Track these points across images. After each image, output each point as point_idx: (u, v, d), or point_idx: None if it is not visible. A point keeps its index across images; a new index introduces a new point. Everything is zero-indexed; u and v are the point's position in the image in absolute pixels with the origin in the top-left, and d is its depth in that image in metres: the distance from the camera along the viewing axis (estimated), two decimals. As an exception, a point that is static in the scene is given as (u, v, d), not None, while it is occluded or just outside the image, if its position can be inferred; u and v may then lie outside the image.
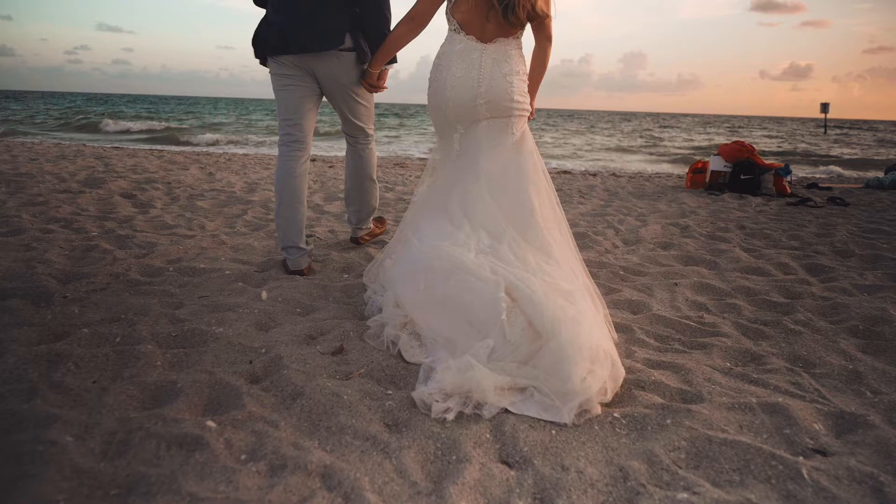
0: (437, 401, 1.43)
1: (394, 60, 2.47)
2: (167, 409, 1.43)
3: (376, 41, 2.42)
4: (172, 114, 29.84)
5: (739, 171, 5.65)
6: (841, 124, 48.55)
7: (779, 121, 70.74)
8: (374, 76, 2.42)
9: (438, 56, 2.06)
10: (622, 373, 1.59)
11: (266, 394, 1.53)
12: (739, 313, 2.32)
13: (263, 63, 2.59)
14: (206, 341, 1.86)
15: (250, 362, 1.71)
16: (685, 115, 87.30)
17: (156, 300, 2.20)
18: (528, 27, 2.06)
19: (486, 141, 2.03)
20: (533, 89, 2.13)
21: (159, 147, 12.04)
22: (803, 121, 69.01)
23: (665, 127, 33.92)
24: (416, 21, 2.07)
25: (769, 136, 26.45)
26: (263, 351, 1.79)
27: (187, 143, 14.14)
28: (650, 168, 12.01)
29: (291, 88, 2.49)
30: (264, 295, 2.28)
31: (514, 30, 1.99)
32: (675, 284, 2.60)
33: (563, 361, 1.48)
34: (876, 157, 15.50)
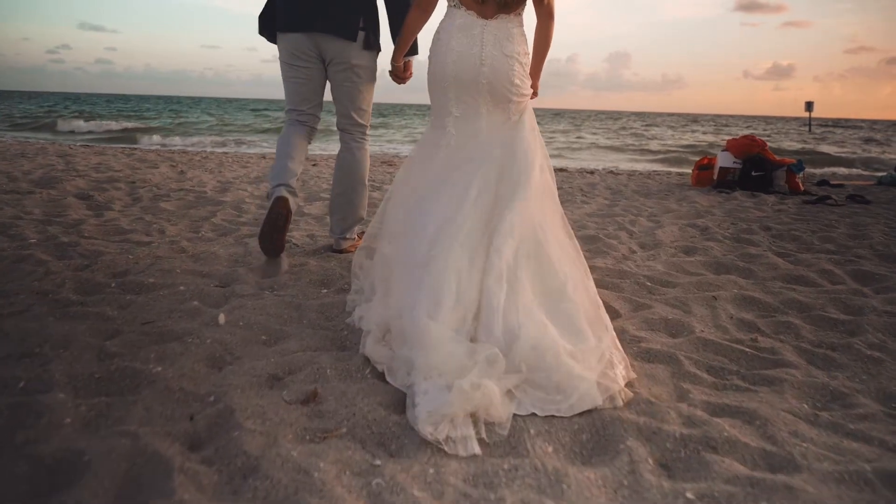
0: (451, 435, 1.21)
1: (415, 52, 2.44)
2: (63, 497, 1.01)
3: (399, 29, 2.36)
4: (151, 112, 29.07)
5: (750, 168, 5.30)
6: (824, 122, 48.78)
7: (764, 119, 71.15)
8: (399, 68, 2.41)
9: (437, 31, 1.94)
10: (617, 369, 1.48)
11: (207, 469, 1.11)
12: (798, 334, 1.94)
13: (272, 40, 2.56)
14: (138, 386, 1.43)
15: (191, 418, 1.29)
16: (671, 115, 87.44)
17: (85, 327, 1.77)
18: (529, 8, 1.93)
19: (486, 128, 1.90)
20: (536, 67, 2.03)
21: (131, 145, 11.47)
22: (787, 120, 69.35)
23: (651, 125, 33.70)
24: (423, 7, 2.00)
25: (756, 135, 26.30)
26: (212, 399, 1.37)
27: (138, 146, 13.22)
28: (641, 166, 11.70)
29: (302, 80, 2.50)
30: (222, 318, 1.85)
31: (514, 6, 1.88)
32: (714, 298, 2.21)
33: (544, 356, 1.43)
34: (865, 154, 15.32)
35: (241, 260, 2.60)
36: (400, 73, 2.46)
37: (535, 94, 2.04)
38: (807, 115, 24.97)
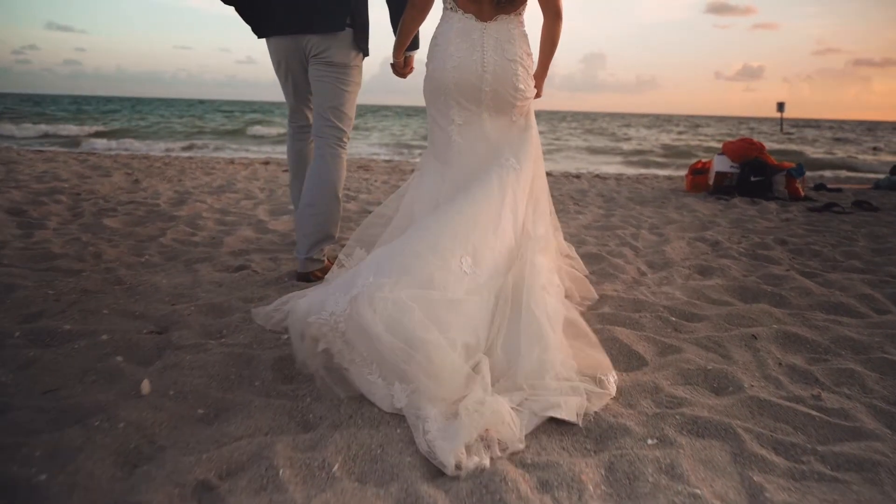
0: (466, 464, 1.13)
1: (416, 47, 2.34)
2: None
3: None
4: (116, 114, 28.07)
5: (749, 172, 5.01)
6: (795, 123, 49.64)
7: (737, 119, 72.19)
8: (399, 64, 2.35)
9: (435, 37, 1.89)
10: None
11: None
12: (864, 386, 1.60)
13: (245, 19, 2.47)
14: (7, 507, 1.01)
15: (70, 574, 0.88)
16: (645, 115, 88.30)
17: (-38, 402, 1.34)
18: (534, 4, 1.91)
19: (491, 131, 1.86)
20: (542, 68, 1.98)
21: (86, 150, 10.82)
22: (759, 120, 70.47)
23: (627, 126, 33.77)
24: (418, 7, 1.93)
25: (731, 135, 26.46)
26: (109, 531, 0.96)
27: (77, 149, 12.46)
28: (626, 169, 11.48)
29: (290, 83, 2.48)
30: (146, 387, 1.43)
31: (513, 6, 1.83)
32: (754, 337, 1.86)
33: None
34: (843, 154, 15.36)
35: (186, 293, 2.18)
36: (400, 69, 2.40)
37: (538, 94, 2.00)
38: (778, 115, 25.18)
